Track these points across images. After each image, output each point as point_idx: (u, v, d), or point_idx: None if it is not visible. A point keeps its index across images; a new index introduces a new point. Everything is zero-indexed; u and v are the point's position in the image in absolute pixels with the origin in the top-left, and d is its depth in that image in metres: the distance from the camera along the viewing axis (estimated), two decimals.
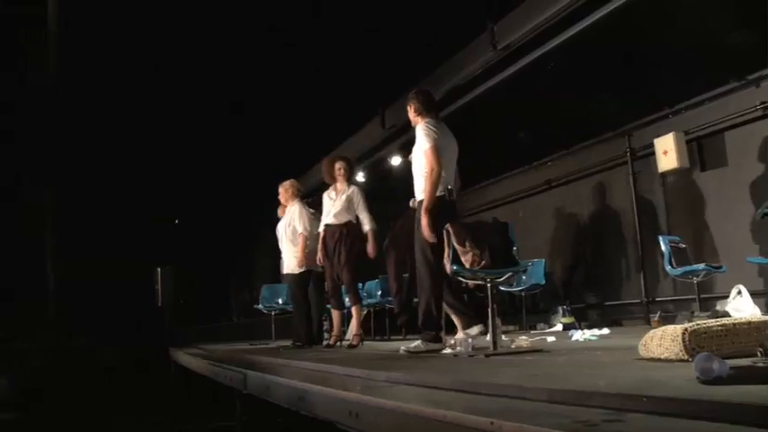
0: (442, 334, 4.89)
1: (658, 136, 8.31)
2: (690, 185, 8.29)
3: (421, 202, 4.95)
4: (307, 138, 10.98)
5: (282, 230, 7.63)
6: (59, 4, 10.71)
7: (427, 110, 5.24)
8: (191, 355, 8.38)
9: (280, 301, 9.87)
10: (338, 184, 6.95)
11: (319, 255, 6.90)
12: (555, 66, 7.60)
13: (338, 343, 6.94)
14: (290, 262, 7.44)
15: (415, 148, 5.19)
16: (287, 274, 7.59)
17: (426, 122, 5.11)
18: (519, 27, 7.30)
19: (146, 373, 12.53)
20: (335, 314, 7.09)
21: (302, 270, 7.29)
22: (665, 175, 8.46)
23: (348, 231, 6.74)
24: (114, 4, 9.92)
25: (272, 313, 10.02)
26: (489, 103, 8.58)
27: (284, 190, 7.74)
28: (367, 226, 6.77)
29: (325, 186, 7.24)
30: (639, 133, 8.92)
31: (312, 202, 7.86)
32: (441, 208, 4.90)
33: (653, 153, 8.40)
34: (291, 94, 10.76)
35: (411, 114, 5.32)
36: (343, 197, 6.86)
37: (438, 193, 4.91)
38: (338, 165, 6.96)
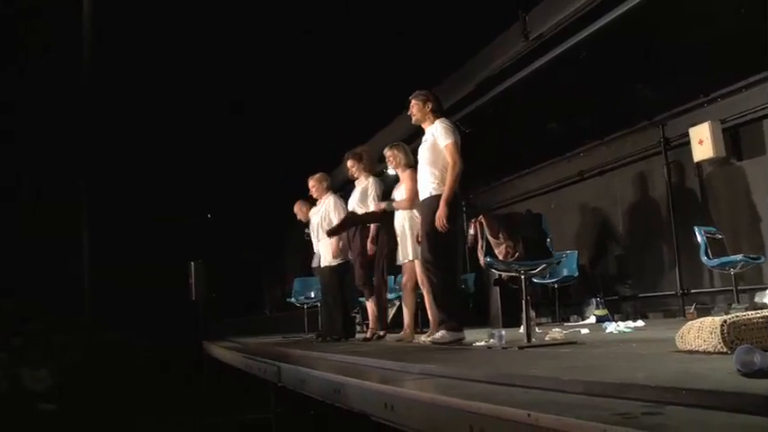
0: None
1: (693, 125, 8.17)
2: (726, 175, 8.16)
3: (433, 197, 5.04)
4: (338, 132, 11.01)
5: (317, 224, 7.61)
6: (94, 4, 10.84)
7: (441, 110, 5.41)
8: (224, 348, 8.46)
9: (312, 295, 9.92)
10: (361, 179, 6.94)
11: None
12: (587, 55, 7.50)
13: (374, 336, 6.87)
14: (328, 255, 7.41)
15: (425, 146, 5.26)
16: (324, 267, 7.54)
17: (445, 119, 5.26)
18: (551, 17, 7.21)
19: (179, 366, 12.68)
20: (369, 306, 7.04)
21: (339, 261, 7.28)
22: (700, 164, 8.32)
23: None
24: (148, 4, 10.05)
25: (305, 306, 10.07)
26: (521, 94, 8.51)
27: (318, 182, 7.68)
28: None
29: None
30: (674, 122, 8.79)
31: (344, 195, 7.84)
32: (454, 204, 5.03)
33: (688, 142, 8.26)
34: (322, 88, 10.79)
35: (422, 113, 5.38)
36: (359, 190, 6.85)
37: None
38: (349, 163, 6.96)
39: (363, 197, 6.75)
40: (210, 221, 18.70)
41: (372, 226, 6.70)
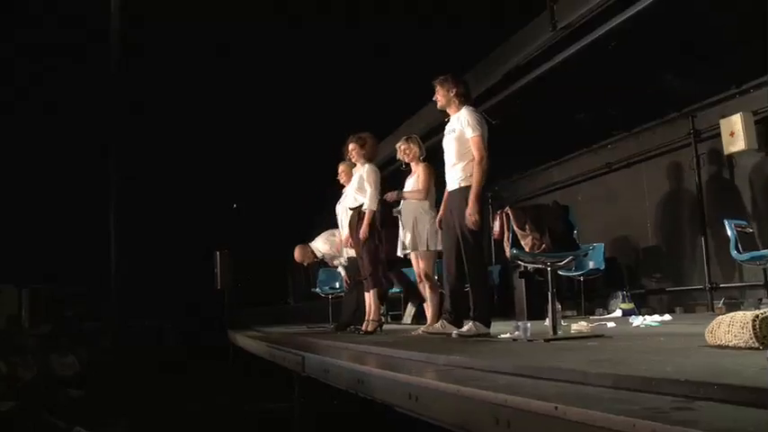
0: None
1: (724, 116, 8.05)
2: (758, 168, 8.02)
3: (461, 189, 5.06)
4: (364, 121, 11.00)
5: (342, 212, 7.57)
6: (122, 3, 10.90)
7: (467, 96, 5.32)
8: (249, 337, 8.51)
9: (336, 285, 9.93)
10: (357, 165, 6.83)
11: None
12: (616, 45, 7.40)
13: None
14: None
15: (452, 137, 5.21)
16: (350, 257, 7.49)
17: (472, 109, 5.19)
18: (580, 6, 7.13)
19: (204, 355, 12.78)
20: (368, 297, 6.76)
21: None
22: (731, 157, 8.19)
23: (360, 216, 6.57)
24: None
25: (329, 296, 10.09)
26: (548, 85, 8.43)
27: (348, 169, 7.60)
28: (365, 205, 6.49)
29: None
30: (704, 114, 8.66)
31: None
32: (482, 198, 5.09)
33: (719, 134, 8.14)
34: (349, 78, 10.77)
35: (446, 98, 5.30)
36: (356, 177, 6.74)
37: None
38: (350, 146, 6.77)
39: (361, 184, 6.60)
40: (236, 211, 18.83)
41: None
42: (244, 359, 9.16)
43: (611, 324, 5.73)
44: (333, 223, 8.13)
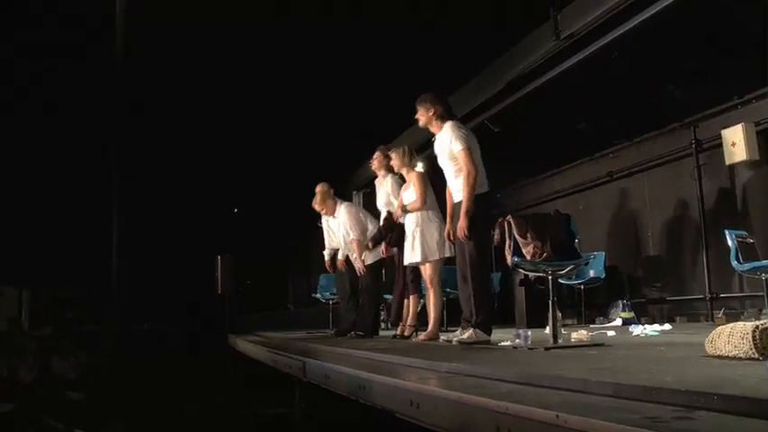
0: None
1: (726, 127, 8.06)
2: (759, 178, 8.02)
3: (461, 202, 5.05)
4: (365, 129, 11.03)
5: (338, 231, 7.62)
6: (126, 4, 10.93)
7: (449, 112, 5.37)
8: (250, 342, 8.52)
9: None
10: (379, 177, 6.98)
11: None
12: (619, 55, 7.42)
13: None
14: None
15: (443, 154, 5.25)
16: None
17: (456, 123, 5.25)
18: (583, 16, 7.16)
19: (205, 359, 12.78)
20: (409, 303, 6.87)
21: (374, 260, 7.24)
22: (732, 167, 8.20)
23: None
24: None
25: (330, 302, 10.09)
26: (551, 94, 8.45)
27: (323, 198, 7.67)
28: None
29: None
30: (706, 124, 8.66)
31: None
32: (485, 203, 5.14)
33: (720, 145, 8.15)
34: (351, 85, 10.79)
35: (426, 117, 5.39)
36: (382, 191, 6.88)
37: (482, 191, 5.08)
38: (374, 156, 6.95)
39: (388, 197, 6.78)
40: (237, 216, 18.86)
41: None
42: (244, 364, 9.17)
43: (611, 333, 5.74)
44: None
